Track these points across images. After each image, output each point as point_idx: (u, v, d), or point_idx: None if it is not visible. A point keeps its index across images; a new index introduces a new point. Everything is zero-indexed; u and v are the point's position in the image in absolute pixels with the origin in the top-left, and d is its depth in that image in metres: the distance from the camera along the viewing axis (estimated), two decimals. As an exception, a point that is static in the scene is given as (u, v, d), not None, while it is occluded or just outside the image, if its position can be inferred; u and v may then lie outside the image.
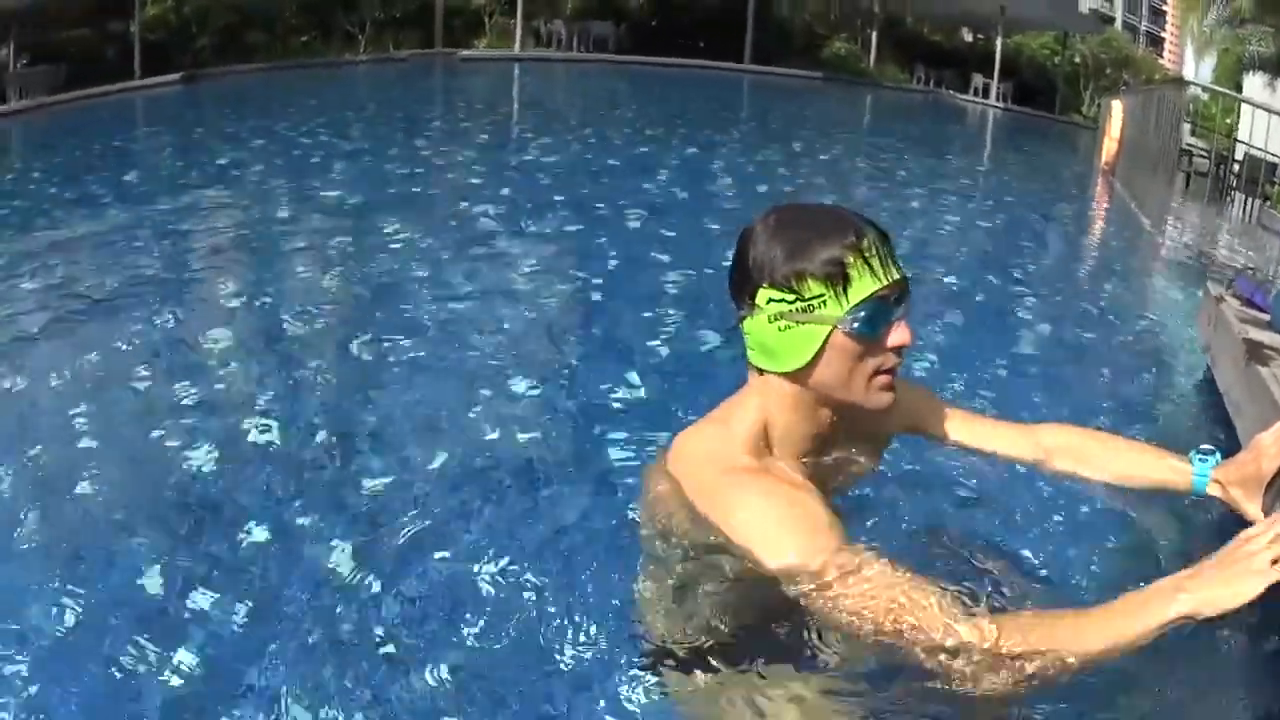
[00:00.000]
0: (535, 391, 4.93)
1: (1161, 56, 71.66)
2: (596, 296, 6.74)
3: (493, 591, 3.13)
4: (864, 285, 2.05)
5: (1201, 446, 2.39)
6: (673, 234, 8.56)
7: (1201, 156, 18.56)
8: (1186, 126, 15.56)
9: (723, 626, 2.20)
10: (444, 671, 2.77)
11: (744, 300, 2.15)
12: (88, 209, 9.94)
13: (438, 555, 3.36)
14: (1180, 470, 2.38)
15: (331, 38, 28.19)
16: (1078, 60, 42.13)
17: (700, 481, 2.12)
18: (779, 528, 1.99)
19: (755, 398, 2.22)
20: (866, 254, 2.05)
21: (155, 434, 4.46)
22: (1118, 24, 68.20)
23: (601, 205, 10.00)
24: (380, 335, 5.77)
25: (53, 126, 18.21)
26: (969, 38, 43.21)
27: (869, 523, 2.70)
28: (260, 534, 3.54)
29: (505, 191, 10.80)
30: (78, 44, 23.97)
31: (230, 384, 5.17)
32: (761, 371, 2.19)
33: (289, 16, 27.50)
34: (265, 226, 8.96)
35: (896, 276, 2.09)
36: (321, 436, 4.44)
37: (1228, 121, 20.64)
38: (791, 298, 2.07)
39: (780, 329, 2.10)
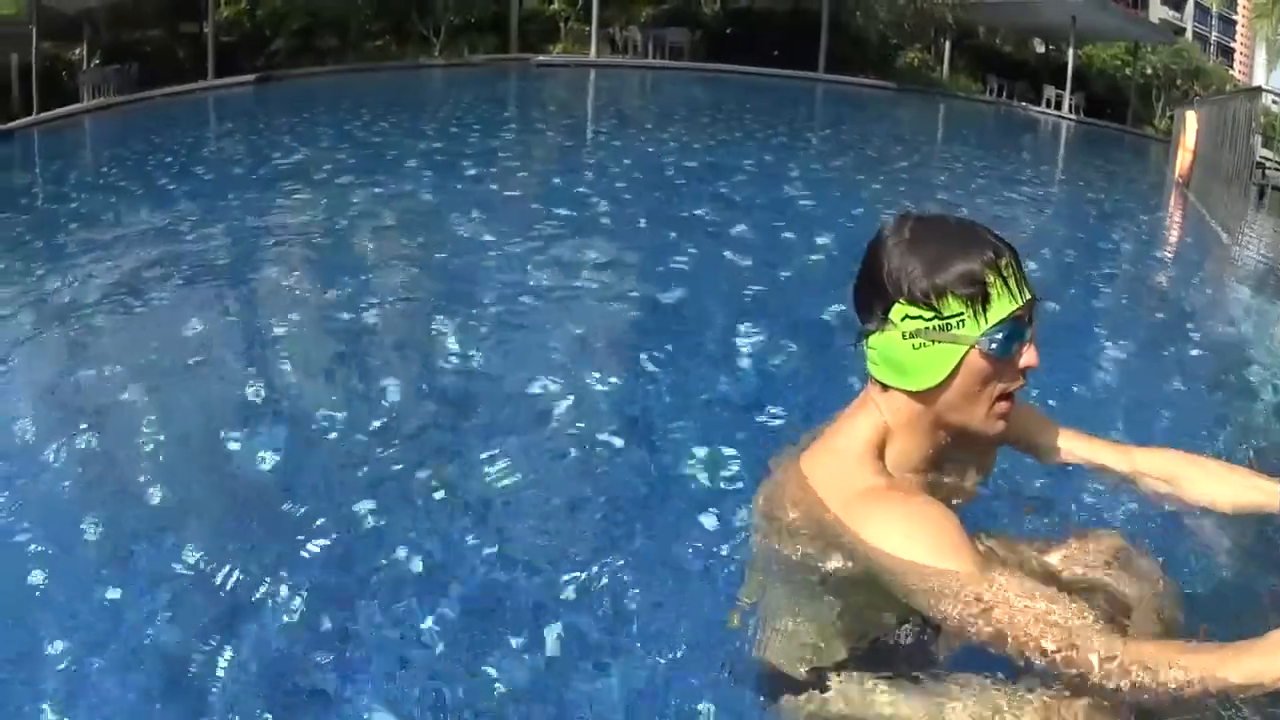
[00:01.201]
0: (607, 394, 4.78)
1: (1232, 67, 71.14)
2: (672, 297, 6.58)
3: (561, 600, 3.02)
4: (1003, 305, 2.01)
5: None
6: (750, 237, 8.40)
7: (1275, 169, 18.14)
8: (1257, 138, 15.21)
9: (844, 647, 2.16)
10: (508, 686, 2.67)
11: (874, 314, 2.09)
12: (156, 204, 9.97)
13: (504, 559, 3.27)
14: (1275, 493, 2.29)
15: (406, 42, 28.34)
16: (1149, 71, 41.72)
17: (833, 504, 2.05)
18: (920, 547, 1.93)
19: (875, 414, 2.16)
20: (1005, 273, 2.01)
21: (218, 428, 4.39)
22: (1188, 34, 67.67)
23: (677, 207, 9.87)
24: (451, 333, 5.66)
25: (124, 125, 18.46)
26: (1040, 48, 42.94)
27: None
28: (324, 533, 3.44)
29: (580, 191, 10.71)
30: (151, 44, 24.31)
31: (296, 379, 5.09)
32: (885, 387, 2.13)
33: (363, 20, 27.68)
34: (335, 224, 8.91)
35: (1030, 296, 2.05)
36: (388, 434, 4.33)
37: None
38: (930, 314, 2.02)
39: (915, 346, 2.04)
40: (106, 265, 7.43)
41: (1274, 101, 20.56)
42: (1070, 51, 35.28)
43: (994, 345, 2.00)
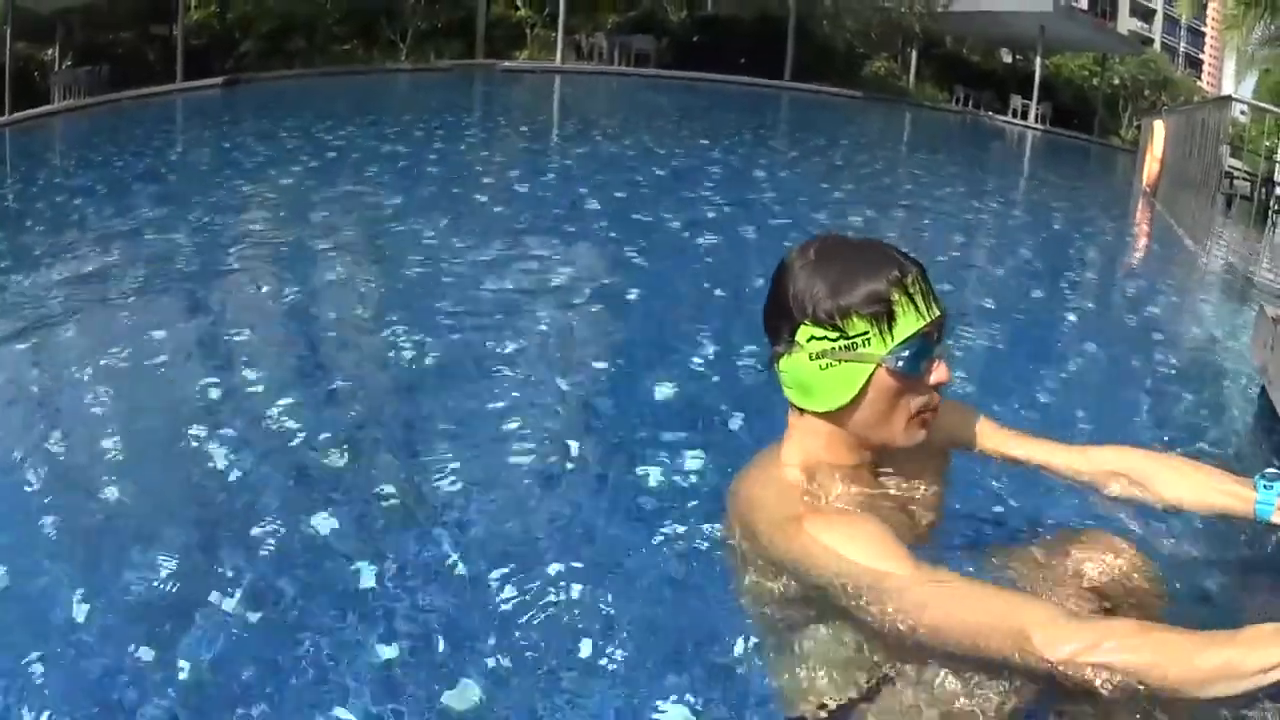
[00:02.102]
0: (567, 398, 4.78)
1: (1200, 78, 71.71)
2: (633, 302, 6.61)
3: (512, 605, 2.97)
4: (908, 323, 2.02)
5: (1267, 470, 2.26)
6: (713, 243, 8.45)
7: (1243, 179, 18.29)
8: (1225, 148, 15.36)
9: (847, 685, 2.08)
10: (466, 700, 2.63)
11: (782, 337, 2.11)
12: (123, 206, 9.97)
13: (462, 567, 3.21)
14: (1243, 496, 2.26)
15: (373, 46, 28.29)
16: (1116, 82, 41.96)
17: (765, 532, 2.05)
18: (854, 553, 1.91)
19: (796, 438, 2.18)
20: (910, 290, 2.02)
21: (181, 432, 4.33)
22: (1156, 45, 68.14)
23: (640, 214, 9.89)
24: (413, 337, 5.64)
25: (94, 126, 18.32)
26: (1008, 58, 43.11)
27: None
28: (283, 538, 3.40)
29: (544, 196, 10.78)
30: (122, 46, 24.20)
31: (259, 384, 5.04)
32: (801, 411, 2.16)
33: (331, 24, 27.63)
34: (300, 227, 8.89)
35: (938, 313, 2.06)
36: (349, 439, 4.28)
37: (1268, 144, 20.42)
38: (835, 335, 2.03)
39: (822, 367, 2.06)
40: (70, 267, 7.43)
41: (1242, 112, 20.69)
42: (1038, 61, 35.45)
43: (901, 363, 2.02)
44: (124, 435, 4.30)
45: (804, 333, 2.05)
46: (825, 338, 2.03)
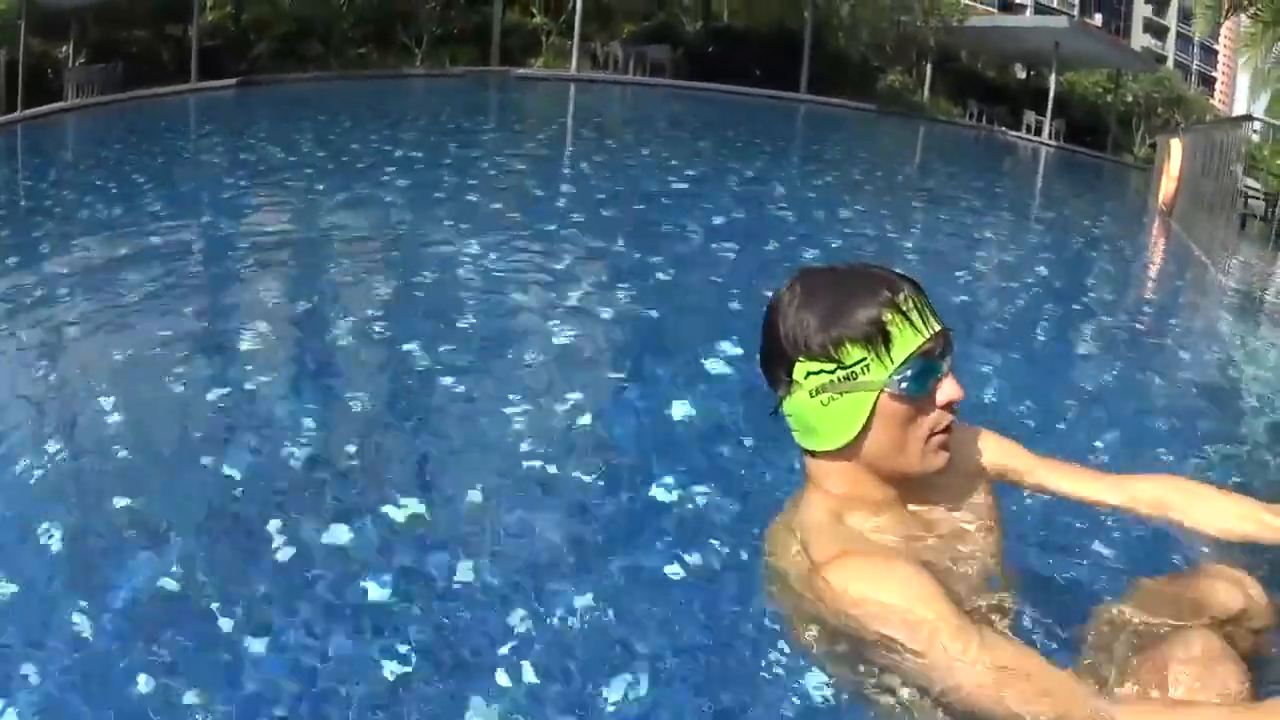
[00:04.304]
0: (582, 411, 4.64)
1: (1213, 96, 71.83)
2: (650, 315, 6.51)
3: (525, 626, 2.89)
4: (907, 341, 1.92)
5: None
6: (730, 257, 8.35)
7: (1255, 198, 18.20)
8: (1238, 166, 15.32)
9: None
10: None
11: (780, 378, 2.04)
12: (134, 206, 9.88)
13: (474, 582, 3.13)
14: (1276, 526, 2.21)
15: (388, 51, 28.26)
16: (1130, 99, 41.90)
17: (796, 587, 1.97)
18: (887, 596, 1.82)
19: (815, 488, 2.09)
20: (904, 308, 1.93)
21: (188, 439, 4.28)
22: (1169, 63, 68.29)
23: (657, 223, 9.82)
24: (426, 346, 5.52)
25: (107, 124, 18.26)
26: (1021, 74, 43.09)
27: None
28: (290, 550, 3.31)
29: (561, 206, 10.67)
30: (136, 44, 24.18)
31: (269, 391, 4.94)
32: (814, 454, 2.07)
33: (347, 28, 27.59)
34: (312, 231, 8.82)
35: (938, 328, 1.97)
36: (361, 451, 4.18)
37: (1278, 163, 20.37)
38: (832, 367, 1.95)
39: (824, 403, 1.97)
40: (78, 266, 7.36)
41: (1254, 131, 20.64)
42: (1052, 77, 35.38)
43: (905, 385, 1.93)
44: (127, 439, 4.22)
45: (800, 370, 1.98)
46: (823, 371, 1.95)
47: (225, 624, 2.89)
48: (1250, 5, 29.87)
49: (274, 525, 3.45)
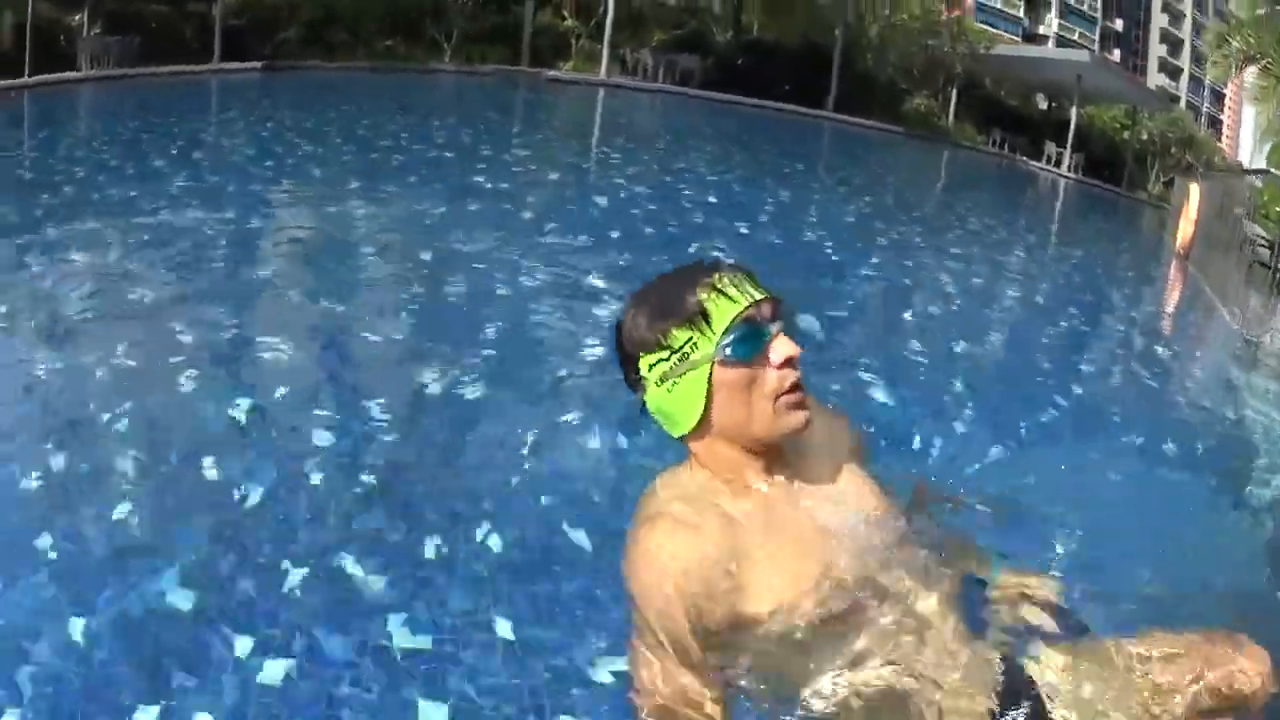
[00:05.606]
0: (608, 423, 4.38)
1: (1220, 139, 72.74)
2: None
3: (554, 670, 2.79)
4: (725, 312, 2.07)
5: None
6: (757, 270, 8.02)
7: (1264, 245, 18.09)
8: (1240, 210, 15.35)
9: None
10: None
11: (634, 379, 2.20)
12: (150, 189, 9.44)
13: (498, 620, 2.96)
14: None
15: (416, 45, 28.01)
16: (1145, 137, 42.17)
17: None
18: (641, 581, 2.13)
19: (683, 466, 2.26)
20: (719, 285, 2.08)
21: (187, 445, 4.03)
22: (1181, 103, 69.28)
23: (693, 243, 9.55)
24: (448, 353, 5.29)
25: (121, 98, 17.83)
26: (1043, 104, 43.24)
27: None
28: (301, 566, 3.17)
29: (591, 214, 10.46)
30: (155, 19, 23.74)
31: (283, 392, 4.67)
32: (683, 440, 2.21)
33: (376, 19, 27.31)
34: (334, 226, 8.50)
35: (759, 296, 2.11)
36: (378, 466, 3.95)
37: (1278, 209, 20.59)
38: (666, 354, 2.10)
39: (669, 390, 2.13)
40: (84, 251, 6.95)
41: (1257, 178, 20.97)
42: (1074, 110, 35.44)
43: (729, 350, 2.05)
44: (131, 437, 4.02)
45: (644, 365, 2.15)
46: (660, 360, 2.11)
47: (231, 642, 2.80)
48: (1262, 58, 30.39)
49: (289, 547, 3.31)
